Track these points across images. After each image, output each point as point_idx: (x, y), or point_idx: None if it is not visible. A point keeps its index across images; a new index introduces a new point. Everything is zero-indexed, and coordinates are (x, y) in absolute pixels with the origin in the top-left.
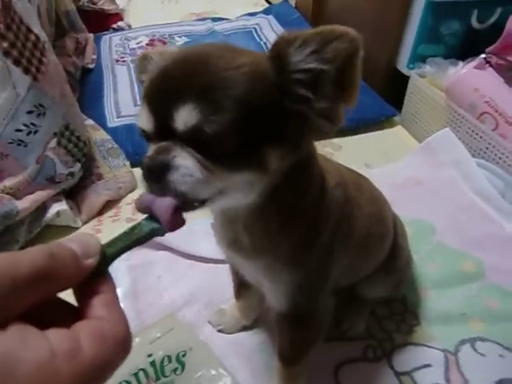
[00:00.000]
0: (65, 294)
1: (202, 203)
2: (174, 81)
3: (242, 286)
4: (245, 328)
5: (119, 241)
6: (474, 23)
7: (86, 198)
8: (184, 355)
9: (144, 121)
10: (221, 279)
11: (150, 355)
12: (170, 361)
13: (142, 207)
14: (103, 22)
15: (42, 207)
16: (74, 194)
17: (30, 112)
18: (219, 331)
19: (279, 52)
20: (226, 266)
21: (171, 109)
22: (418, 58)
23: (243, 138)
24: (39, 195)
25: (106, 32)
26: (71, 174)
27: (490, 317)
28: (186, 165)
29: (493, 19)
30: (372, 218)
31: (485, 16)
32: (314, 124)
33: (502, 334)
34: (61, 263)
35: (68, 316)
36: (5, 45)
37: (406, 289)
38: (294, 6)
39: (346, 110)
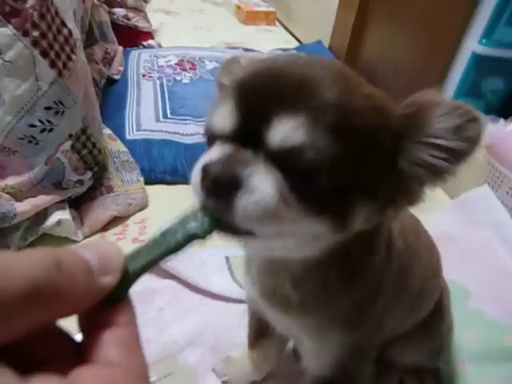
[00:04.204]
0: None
1: (246, 234)
2: (286, 82)
3: (260, 334)
4: (254, 382)
5: (145, 252)
6: None
7: (91, 210)
8: None
9: (222, 116)
10: (231, 320)
11: None
12: None
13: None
14: (134, 38)
15: (43, 213)
16: (78, 204)
17: (48, 108)
18: (224, 383)
19: (422, 110)
20: (239, 306)
21: (271, 113)
22: None
23: (341, 181)
24: (42, 199)
25: (135, 48)
26: (80, 182)
27: None
28: (263, 190)
29: None
30: (428, 269)
31: None
32: (410, 192)
33: None
34: (68, 278)
35: (67, 356)
36: (35, 34)
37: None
38: (327, 46)
39: None
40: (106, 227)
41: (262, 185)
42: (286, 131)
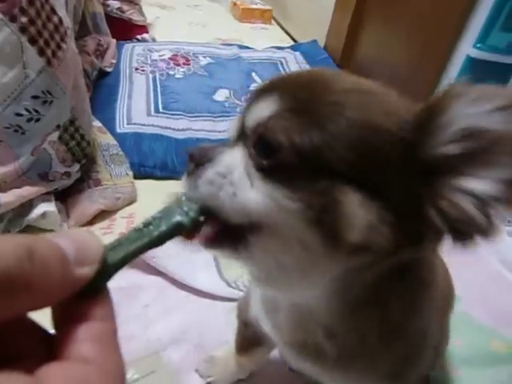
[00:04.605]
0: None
1: (237, 232)
2: (271, 82)
3: (252, 342)
4: (238, 382)
5: (126, 242)
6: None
7: (78, 202)
8: None
9: (231, 125)
10: (217, 318)
11: None
12: None
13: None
14: (128, 31)
15: (28, 205)
16: (65, 197)
17: (35, 97)
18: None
19: (439, 103)
20: (225, 304)
21: (252, 105)
22: None
23: (313, 162)
24: (27, 191)
25: (129, 41)
26: (67, 174)
27: None
28: (226, 162)
29: None
30: (445, 299)
31: None
32: (454, 208)
33: None
34: (41, 267)
35: (37, 350)
36: (23, 20)
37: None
38: (322, 46)
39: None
40: (92, 221)
41: (226, 158)
42: (258, 110)
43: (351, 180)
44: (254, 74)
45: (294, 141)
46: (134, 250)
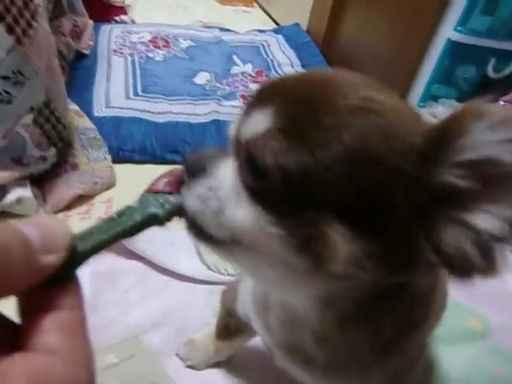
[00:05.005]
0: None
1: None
2: (266, 89)
3: (234, 331)
4: (218, 364)
5: (98, 231)
6: (490, 71)
7: (54, 187)
8: None
9: (230, 129)
10: (197, 302)
11: None
12: None
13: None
14: (106, 12)
15: (1, 190)
16: (41, 181)
17: (5, 78)
18: (188, 367)
19: (454, 127)
20: (206, 287)
21: (248, 114)
22: (430, 98)
23: (302, 189)
24: (0, 175)
25: (107, 22)
26: (43, 158)
27: None
28: (217, 176)
29: (508, 70)
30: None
31: (501, 66)
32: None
33: None
34: (2, 254)
35: (6, 342)
36: None
37: None
38: (305, 29)
39: None
40: (70, 206)
41: (222, 170)
42: (252, 124)
43: (339, 210)
44: (235, 57)
45: (282, 166)
46: (105, 239)
